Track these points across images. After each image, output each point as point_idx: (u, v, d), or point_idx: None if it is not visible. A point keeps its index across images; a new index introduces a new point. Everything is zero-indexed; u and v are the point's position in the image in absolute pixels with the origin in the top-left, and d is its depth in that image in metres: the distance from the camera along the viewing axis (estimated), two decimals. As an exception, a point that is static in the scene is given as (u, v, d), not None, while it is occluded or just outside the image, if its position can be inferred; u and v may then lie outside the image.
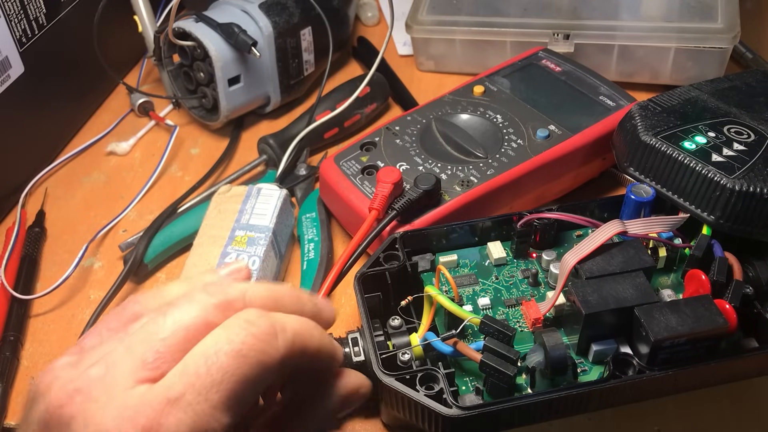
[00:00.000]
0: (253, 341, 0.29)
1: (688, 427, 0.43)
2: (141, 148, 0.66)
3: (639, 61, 0.65)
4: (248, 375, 0.28)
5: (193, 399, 0.27)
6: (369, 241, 0.47)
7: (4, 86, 0.56)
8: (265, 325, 0.29)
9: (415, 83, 0.70)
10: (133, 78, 0.72)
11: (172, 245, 0.54)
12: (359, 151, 0.54)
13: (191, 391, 0.27)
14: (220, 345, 0.28)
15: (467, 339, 0.41)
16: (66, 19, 0.62)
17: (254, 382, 0.29)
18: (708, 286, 0.40)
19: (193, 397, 0.27)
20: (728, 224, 0.42)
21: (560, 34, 0.64)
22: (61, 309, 0.52)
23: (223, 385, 0.28)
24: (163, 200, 0.59)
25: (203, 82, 0.63)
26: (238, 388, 0.28)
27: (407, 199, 0.48)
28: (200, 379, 0.27)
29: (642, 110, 0.47)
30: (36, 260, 0.55)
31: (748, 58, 0.69)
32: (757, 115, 0.47)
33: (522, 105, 0.56)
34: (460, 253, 0.46)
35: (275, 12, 0.62)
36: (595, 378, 0.39)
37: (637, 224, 0.41)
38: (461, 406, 0.36)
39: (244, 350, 0.28)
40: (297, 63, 0.65)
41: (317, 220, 0.55)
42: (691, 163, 0.43)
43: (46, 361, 0.49)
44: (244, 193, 0.53)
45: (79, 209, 0.60)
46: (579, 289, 0.39)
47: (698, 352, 0.38)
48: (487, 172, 0.51)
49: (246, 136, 0.66)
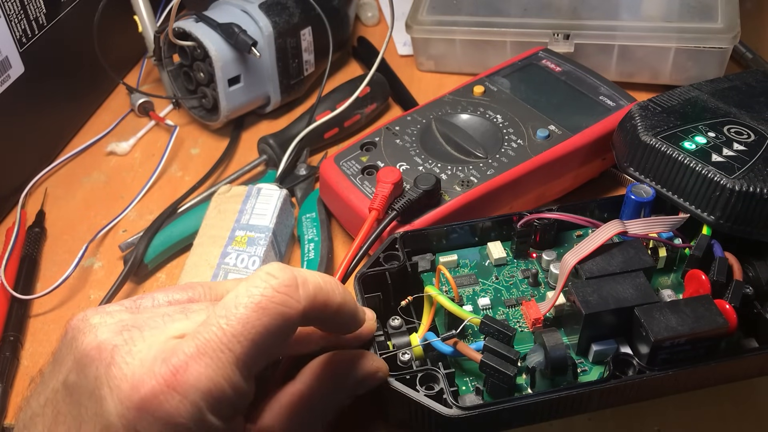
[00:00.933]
0: (273, 293, 0.29)
1: (688, 427, 0.43)
2: (141, 148, 0.66)
3: (639, 61, 0.65)
4: (269, 326, 0.29)
5: (217, 347, 0.28)
6: (371, 242, 0.47)
7: (4, 86, 0.56)
8: (286, 277, 0.30)
9: (415, 83, 0.70)
10: (133, 78, 0.72)
11: (172, 245, 0.54)
12: (359, 151, 0.54)
13: (215, 341, 0.28)
14: (240, 298, 0.29)
15: (467, 339, 0.41)
16: (66, 19, 0.62)
17: (275, 334, 0.29)
18: (708, 286, 0.40)
19: (218, 346, 0.28)
20: (728, 224, 0.42)
21: (560, 34, 0.64)
22: (61, 309, 0.52)
23: (245, 336, 0.29)
24: (163, 200, 0.59)
25: (203, 82, 0.63)
26: (259, 339, 0.29)
27: (407, 199, 0.48)
28: (223, 330, 0.29)
29: (642, 110, 0.47)
30: (36, 260, 0.55)
31: (748, 58, 0.69)
32: (757, 115, 0.47)
33: (522, 105, 0.56)
34: (460, 253, 0.46)
35: (275, 12, 0.62)
36: (595, 378, 0.39)
37: (637, 224, 0.41)
38: (461, 406, 0.36)
39: (263, 302, 0.29)
40: (297, 63, 0.65)
41: (317, 220, 0.55)
42: (691, 163, 0.43)
43: (46, 361, 0.49)
44: (244, 193, 0.53)
45: (79, 209, 0.60)
46: (579, 289, 0.39)
47: (698, 352, 0.38)
48: (487, 172, 0.51)
49: (246, 136, 0.66)
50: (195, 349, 0.28)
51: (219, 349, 0.28)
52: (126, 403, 0.28)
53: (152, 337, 0.29)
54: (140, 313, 0.32)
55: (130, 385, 0.28)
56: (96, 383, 0.28)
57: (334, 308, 0.32)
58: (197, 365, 0.28)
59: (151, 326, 0.30)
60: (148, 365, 0.28)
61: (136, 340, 0.29)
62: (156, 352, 0.29)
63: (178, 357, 0.28)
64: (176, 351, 0.28)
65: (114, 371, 0.28)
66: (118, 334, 0.29)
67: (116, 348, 0.29)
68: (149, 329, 0.30)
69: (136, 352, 0.29)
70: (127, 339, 0.29)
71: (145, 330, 0.30)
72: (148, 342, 0.29)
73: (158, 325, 0.30)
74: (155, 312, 0.32)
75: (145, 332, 0.30)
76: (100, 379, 0.28)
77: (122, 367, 0.28)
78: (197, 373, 0.28)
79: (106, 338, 0.29)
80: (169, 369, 0.28)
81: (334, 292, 0.32)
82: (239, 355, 0.29)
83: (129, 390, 0.28)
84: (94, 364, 0.29)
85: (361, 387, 0.36)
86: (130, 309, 0.33)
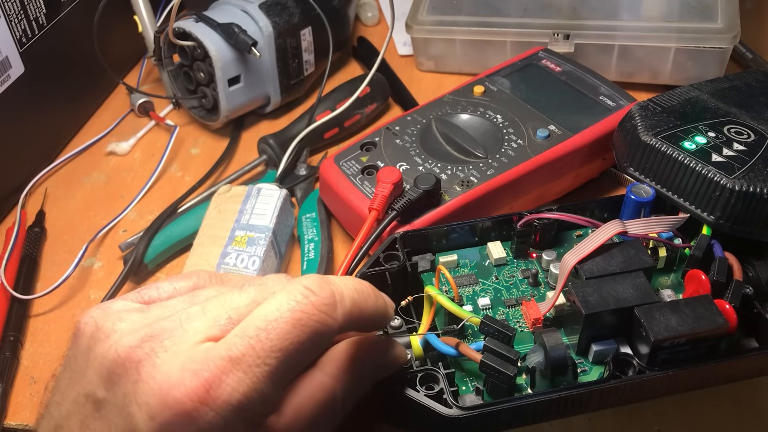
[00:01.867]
0: (313, 311, 0.29)
1: (688, 427, 0.43)
2: (141, 148, 0.66)
3: (639, 61, 0.65)
4: (305, 342, 0.29)
5: (252, 361, 0.28)
6: (371, 242, 0.47)
7: (4, 86, 0.56)
8: (325, 295, 0.30)
9: (415, 83, 0.70)
10: (133, 78, 0.72)
11: (172, 245, 0.54)
12: (359, 151, 0.54)
13: (251, 354, 0.28)
14: (281, 312, 0.29)
15: (467, 339, 0.41)
16: (66, 19, 0.62)
17: (311, 349, 0.30)
18: (708, 286, 0.40)
19: (253, 360, 0.28)
20: (728, 224, 0.42)
21: (560, 34, 0.64)
22: (61, 309, 0.52)
23: (282, 351, 0.29)
24: (163, 200, 0.59)
25: (203, 82, 0.63)
26: (294, 354, 0.29)
27: (407, 200, 0.48)
28: (260, 343, 0.28)
29: (642, 110, 0.47)
30: (36, 260, 0.55)
31: (748, 58, 0.69)
32: (757, 115, 0.47)
33: (522, 105, 0.56)
34: (460, 253, 0.46)
35: (275, 12, 0.62)
36: (595, 378, 0.39)
37: (637, 224, 0.41)
38: (461, 407, 0.36)
39: (303, 319, 0.29)
40: (297, 63, 0.65)
41: (317, 220, 0.55)
42: (691, 163, 0.43)
43: (46, 361, 0.49)
44: (244, 193, 0.53)
45: (79, 209, 0.60)
46: (579, 289, 0.39)
47: (698, 352, 0.38)
48: (487, 172, 0.51)
49: (246, 136, 0.66)
50: (228, 362, 0.28)
51: (254, 363, 0.28)
52: (157, 419, 0.27)
53: (175, 346, 0.29)
54: (150, 310, 0.31)
55: (160, 401, 0.27)
56: (125, 401, 0.28)
57: (367, 319, 0.33)
58: (231, 379, 0.28)
59: (170, 331, 0.29)
60: (177, 378, 0.27)
61: (158, 351, 0.29)
62: (183, 363, 0.28)
63: (210, 370, 0.28)
64: (207, 363, 0.28)
65: (142, 387, 0.28)
66: (138, 346, 0.29)
67: (141, 363, 0.28)
68: (169, 337, 0.29)
69: (161, 364, 0.28)
70: (149, 352, 0.29)
71: (166, 338, 0.29)
72: (171, 352, 0.29)
73: (177, 328, 0.30)
74: (167, 309, 0.31)
75: (165, 341, 0.29)
76: (128, 397, 0.28)
77: (149, 382, 0.28)
78: (231, 388, 0.28)
79: (128, 351, 0.29)
80: (201, 383, 0.27)
81: (367, 303, 0.32)
82: (274, 369, 0.28)
83: (159, 406, 0.27)
84: (121, 382, 0.28)
85: (383, 373, 0.36)
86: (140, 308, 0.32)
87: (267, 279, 0.32)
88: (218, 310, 0.30)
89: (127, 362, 0.28)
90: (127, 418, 0.28)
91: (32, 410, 0.46)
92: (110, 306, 0.32)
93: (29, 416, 0.46)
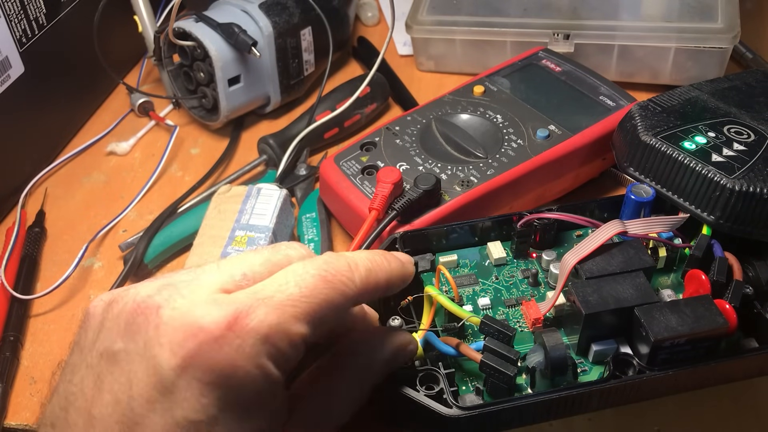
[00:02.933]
0: (335, 271, 0.31)
1: (688, 427, 0.43)
2: (141, 148, 0.66)
3: (639, 61, 0.65)
4: (331, 298, 0.30)
5: (281, 301, 0.29)
6: (370, 242, 0.47)
7: (4, 86, 0.56)
8: (340, 263, 0.32)
9: (415, 83, 0.70)
10: (133, 78, 0.72)
11: (172, 245, 0.54)
12: (359, 151, 0.54)
13: (280, 295, 0.29)
14: (307, 267, 0.31)
15: (467, 339, 0.41)
16: (66, 19, 0.62)
17: (335, 307, 0.31)
18: (708, 286, 0.40)
19: (282, 300, 0.29)
20: (728, 224, 0.42)
21: (560, 34, 0.64)
22: (61, 309, 0.52)
23: (310, 299, 0.30)
24: (163, 200, 0.59)
25: (203, 82, 0.63)
26: (320, 306, 0.30)
27: (407, 199, 0.48)
28: (290, 288, 0.30)
29: (642, 110, 0.47)
30: (36, 260, 0.55)
31: (748, 58, 0.69)
32: (757, 115, 0.47)
33: (522, 105, 0.56)
34: (460, 253, 0.46)
35: (275, 12, 0.62)
36: (595, 378, 0.39)
37: (637, 224, 0.41)
38: (461, 407, 0.36)
39: (328, 276, 0.31)
40: (297, 63, 0.65)
41: (317, 220, 0.55)
42: (691, 163, 0.43)
43: (46, 361, 0.49)
44: (244, 193, 0.53)
45: (79, 209, 0.60)
46: (579, 289, 0.39)
47: (698, 352, 0.38)
48: (487, 172, 0.51)
49: (246, 136, 0.66)
50: (256, 299, 0.28)
51: (283, 303, 0.29)
52: (180, 352, 0.27)
53: (192, 293, 0.29)
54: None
55: (184, 334, 0.27)
56: (146, 345, 0.28)
57: (384, 282, 0.34)
58: (259, 311, 0.28)
59: (186, 282, 0.30)
60: (202, 311, 0.28)
61: (176, 297, 0.29)
62: (206, 300, 0.28)
63: (238, 303, 0.28)
64: (234, 299, 0.28)
65: (164, 328, 0.28)
66: (156, 294, 0.29)
67: (161, 308, 0.28)
68: (186, 286, 0.29)
69: (180, 305, 0.28)
70: (168, 297, 0.29)
71: (183, 287, 0.29)
72: (189, 298, 0.29)
73: (193, 280, 0.30)
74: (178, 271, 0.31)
75: (183, 290, 0.29)
76: (149, 341, 0.28)
77: (170, 323, 0.28)
78: (258, 319, 0.28)
79: (145, 299, 0.29)
80: (230, 312, 0.28)
81: (381, 267, 0.34)
82: (300, 311, 0.29)
83: (182, 339, 0.27)
84: (141, 329, 0.28)
85: (394, 363, 0.36)
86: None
87: (278, 244, 0.33)
88: (233, 267, 0.31)
89: (146, 310, 0.28)
90: (149, 360, 0.27)
91: (32, 410, 0.46)
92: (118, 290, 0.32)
93: (29, 416, 0.46)
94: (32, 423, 0.45)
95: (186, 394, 0.27)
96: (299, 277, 0.30)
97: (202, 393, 0.27)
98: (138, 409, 0.27)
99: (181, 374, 0.27)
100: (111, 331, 0.29)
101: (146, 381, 0.27)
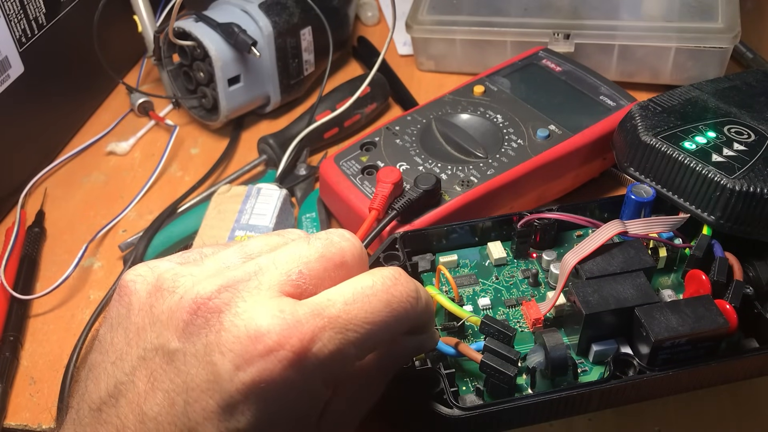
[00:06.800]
0: (402, 297, 0.31)
1: (688, 427, 0.43)
2: (141, 148, 0.66)
3: (639, 61, 0.65)
4: (390, 324, 0.30)
5: (345, 325, 0.29)
6: (369, 241, 0.47)
7: (4, 86, 0.56)
8: (411, 286, 0.32)
9: (415, 83, 0.70)
10: (133, 78, 0.72)
11: (172, 245, 0.54)
12: (359, 151, 0.54)
13: (346, 318, 0.29)
14: (376, 288, 0.30)
15: (467, 339, 0.41)
16: (66, 19, 0.62)
17: (390, 332, 0.31)
18: (708, 286, 0.40)
19: (347, 323, 0.29)
20: (728, 224, 0.42)
21: (560, 34, 0.64)
22: (60, 309, 0.52)
23: (372, 326, 0.30)
24: (163, 200, 0.59)
25: (203, 82, 0.63)
26: (379, 331, 0.30)
27: (407, 199, 0.48)
28: (356, 311, 0.29)
29: (642, 110, 0.47)
30: (36, 260, 0.55)
31: (749, 58, 0.69)
32: (757, 115, 0.47)
33: (522, 105, 0.56)
34: (460, 253, 0.46)
35: (275, 12, 0.62)
36: (596, 378, 0.39)
37: (638, 224, 0.41)
38: (462, 407, 0.36)
39: (393, 302, 0.30)
40: (297, 63, 0.65)
41: (317, 220, 0.55)
42: (692, 163, 0.43)
43: (46, 361, 0.49)
44: (244, 193, 0.53)
45: (79, 209, 0.60)
46: (579, 290, 0.39)
47: (699, 353, 0.38)
48: (487, 172, 0.51)
49: (246, 136, 0.66)
50: (324, 319, 0.28)
51: (347, 327, 0.29)
52: (242, 365, 0.27)
53: (253, 297, 0.28)
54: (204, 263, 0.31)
55: (247, 348, 0.27)
56: (206, 350, 0.27)
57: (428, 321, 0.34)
58: (325, 336, 0.28)
59: (244, 282, 0.29)
60: (267, 326, 0.27)
61: (238, 301, 0.28)
62: (271, 312, 0.28)
63: (306, 323, 0.28)
64: (301, 316, 0.28)
65: (226, 336, 0.27)
66: (216, 296, 0.28)
67: (222, 313, 0.28)
68: (245, 288, 0.29)
69: (243, 312, 0.28)
70: (228, 302, 0.28)
71: (242, 289, 0.29)
72: (251, 302, 0.28)
73: (250, 279, 0.29)
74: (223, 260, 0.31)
75: (243, 292, 0.29)
76: (210, 346, 0.27)
77: (232, 331, 0.27)
78: (321, 344, 0.28)
79: (205, 301, 0.28)
80: (297, 333, 0.27)
81: (432, 307, 0.34)
82: (360, 337, 0.29)
83: (244, 350, 0.27)
84: (201, 333, 0.28)
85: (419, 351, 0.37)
86: (193, 261, 0.32)
87: (329, 233, 0.32)
88: (289, 264, 0.30)
89: (207, 312, 0.28)
90: (209, 366, 0.27)
91: (32, 410, 0.46)
92: (157, 264, 0.31)
93: (29, 416, 0.46)
94: (32, 423, 0.45)
95: (242, 408, 0.27)
96: (366, 300, 0.30)
97: (258, 408, 0.27)
98: (193, 415, 0.27)
99: (240, 388, 0.27)
100: (167, 328, 0.29)
101: (203, 388, 0.27)
